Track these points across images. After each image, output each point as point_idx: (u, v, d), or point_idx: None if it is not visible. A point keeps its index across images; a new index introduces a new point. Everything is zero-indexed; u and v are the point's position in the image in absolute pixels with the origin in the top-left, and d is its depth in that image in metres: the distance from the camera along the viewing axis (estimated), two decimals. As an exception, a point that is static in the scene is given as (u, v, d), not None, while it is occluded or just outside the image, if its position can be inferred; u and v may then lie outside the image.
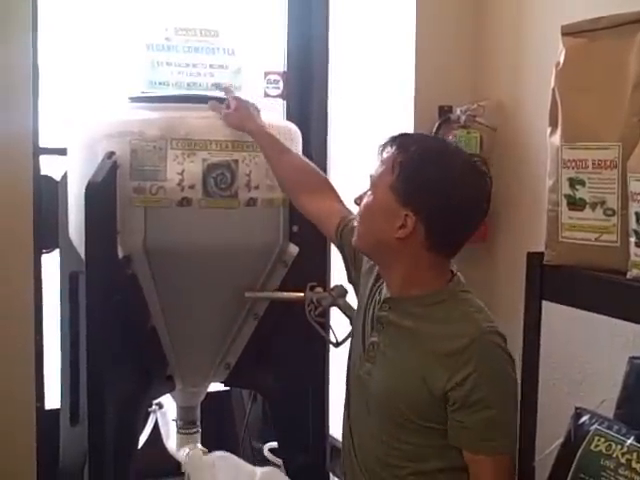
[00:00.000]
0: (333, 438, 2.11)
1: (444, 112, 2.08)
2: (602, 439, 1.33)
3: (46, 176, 1.98)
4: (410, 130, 2.06)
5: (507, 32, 2.03)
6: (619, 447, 1.29)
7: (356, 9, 2.36)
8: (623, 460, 1.28)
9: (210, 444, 1.99)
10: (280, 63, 2.45)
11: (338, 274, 1.85)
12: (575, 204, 1.31)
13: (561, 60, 1.35)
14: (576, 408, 1.43)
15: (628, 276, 1.22)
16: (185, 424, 2.01)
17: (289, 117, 2.40)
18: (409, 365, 1.41)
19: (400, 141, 1.43)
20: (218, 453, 1.88)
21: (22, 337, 1.91)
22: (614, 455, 1.29)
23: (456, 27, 2.13)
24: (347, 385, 1.57)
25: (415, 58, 2.08)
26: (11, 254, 1.89)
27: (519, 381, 1.42)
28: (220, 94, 1.84)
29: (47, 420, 1.98)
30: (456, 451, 1.38)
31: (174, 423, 2.03)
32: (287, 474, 1.92)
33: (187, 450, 1.95)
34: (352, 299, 1.70)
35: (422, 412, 1.39)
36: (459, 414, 1.35)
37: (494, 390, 1.35)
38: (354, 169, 2.34)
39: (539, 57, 1.83)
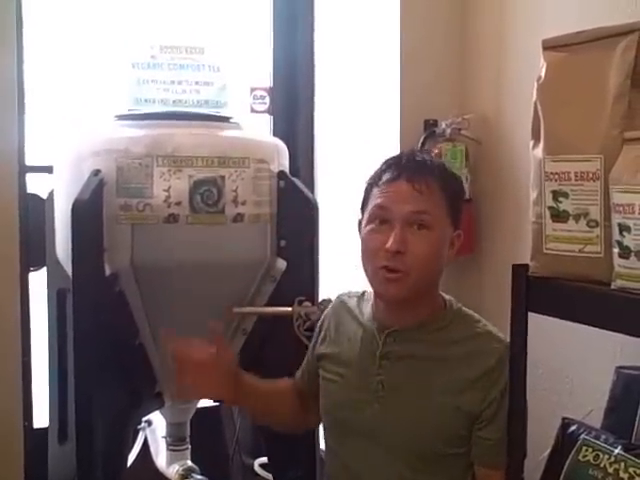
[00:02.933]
0: (323, 452, 2.11)
1: (429, 126, 2.09)
2: (590, 449, 1.33)
3: (32, 194, 1.98)
4: (396, 144, 2.08)
5: (490, 47, 2.05)
6: (607, 457, 1.30)
7: (341, 25, 2.37)
8: (611, 470, 1.28)
9: (200, 460, 1.98)
10: (266, 78, 2.46)
11: (326, 288, 1.85)
12: (559, 216, 1.32)
13: (542, 74, 1.36)
14: (563, 418, 1.43)
15: (612, 287, 1.23)
16: (175, 441, 2.00)
17: (275, 133, 2.41)
18: (438, 395, 1.36)
19: (422, 166, 1.39)
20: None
21: (9, 355, 1.90)
22: (602, 465, 1.30)
23: (440, 42, 2.15)
24: (334, 429, 1.50)
25: (400, 73, 2.09)
26: (-2, 272, 1.89)
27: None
28: (205, 111, 1.85)
29: (35, 439, 1.97)
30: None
31: (163, 440, 2.02)
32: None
33: (177, 467, 1.94)
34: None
35: (452, 439, 1.37)
36: (486, 431, 1.36)
37: (507, 404, 1.36)
38: (341, 184, 2.35)
39: (522, 71, 1.85)
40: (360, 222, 1.44)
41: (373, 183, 1.42)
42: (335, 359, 1.51)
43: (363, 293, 1.56)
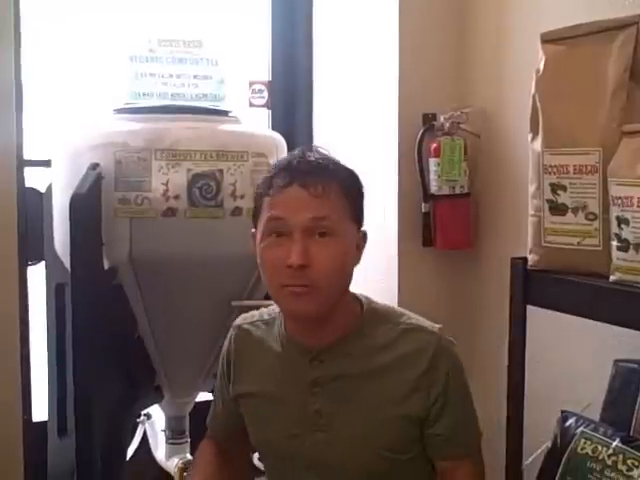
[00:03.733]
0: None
1: (428, 119, 2.09)
2: (588, 442, 1.34)
3: (31, 188, 1.98)
4: (394, 137, 2.08)
5: (489, 41, 2.04)
6: (605, 449, 1.30)
7: (340, 18, 2.37)
8: (609, 462, 1.29)
9: (199, 454, 1.99)
10: (264, 72, 2.46)
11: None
12: (557, 209, 1.33)
13: (541, 67, 1.36)
14: (562, 411, 1.44)
15: (611, 279, 1.23)
16: (174, 434, 2.00)
17: (274, 127, 2.41)
18: (381, 409, 1.28)
19: (315, 167, 1.25)
20: None
21: (8, 349, 1.90)
22: (600, 457, 1.30)
23: (439, 35, 2.14)
24: (271, 461, 1.40)
25: (399, 67, 2.09)
26: (-4, 267, 1.89)
27: (505, 385, 1.43)
28: (204, 104, 1.85)
29: (35, 432, 1.97)
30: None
31: (163, 433, 2.02)
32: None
33: (176, 460, 1.94)
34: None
35: (405, 445, 1.30)
36: (437, 428, 1.29)
37: (463, 389, 1.32)
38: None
39: (520, 64, 1.84)
40: (253, 235, 1.30)
41: (263, 192, 1.27)
42: (257, 396, 1.37)
43: (268, 318, 1.41)
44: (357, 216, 1.29)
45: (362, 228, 1.31)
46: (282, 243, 1.22)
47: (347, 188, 1.26)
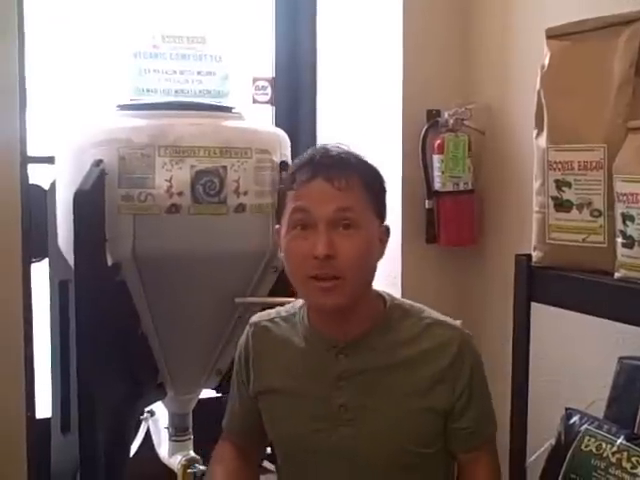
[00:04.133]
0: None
1: (432, 116, 2.08)
2: (592, 439, 1.33)
3: (34, 185, 1.98)
4: (398, 134, 2.07)
5: (494, 36, 2.04)
6: (609, 447, 1.30)
7: (344, 14, 2.36)
8: (613, 459, 1.29)
9: (202, 451, 1.98)
10: (268, 69, 2.45)
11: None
12: (562, 206, 1.32)
13: (546, 63, 1.36)
14: (566, 409, 1.43)
15: (615, 276, 1.23)
16: (177, 431, 2.00)
17: (278, 123, 2.40)
18: (406, 402, 1.30)
19: (338, 161, 1.28)
20: None
21: (12, 346, 1.90)
22: (604, 455, 1.30)
23: (443, 31, 2.14)
24: (291, 458, 1.40)
25: (403, 63, 2.08)
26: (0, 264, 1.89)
27: (510, 382, 1.43)
28: (208, 101, 1.84)
29: (38, 429, 1.97)
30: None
31: (166, 431, 2.02)
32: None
33: (179, 457, 1.94)
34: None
35: (429, 439, 1.33)
36: (462, 422, 1.32)
37: (484, 381, 1.36)
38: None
39: (526, 60, 1.84)
40: (277, 230, 1.34)
41: (286, 187, 1.30)
42: (279, 392, 1.38)
43: (286, 315, 1.42)
44: (379, 210, 1.32)
45: (384, 222, 1.33)
46: (307, 235, 1.25)
47: (369, 182, 1.29)
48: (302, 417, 1.34)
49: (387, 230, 1.34)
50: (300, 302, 1.42)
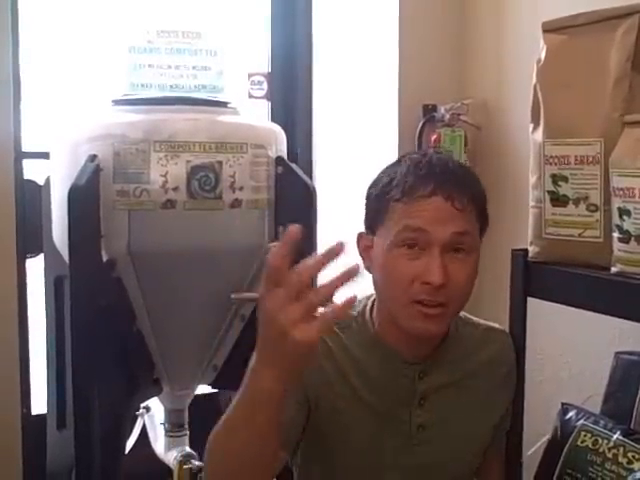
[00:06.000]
0: None
1: (428, 111, 2.08)
2: (589, 434, 1.33)
3: (29, 180, 1.97)
4: (394, 129, 2.07)
5: (490, 31, 2.04)
6: (605, 442, 1.30)
7: (340, 9, 2.36)
8: (610, 455, 1.28)
9: (198, 447, 1.98)
10: (264, 64, 2.45)
11: (325, 274, 1.84)
12: (558, 200, 1.32)
13: (542, 57, 1.35)
14: (562, 404, 1.43)
15: (612, 271, 1.22)
16: (173, 427, 2.00)
17: (273, 118, 2.40)
18: (482, 417, 1.31)
19: (459, 178, 1.20)
20: None
21: (7, 342, 1.90)
22: (601, 450, 1.30)
23: (439, 26, 2.13)
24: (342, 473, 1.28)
25: (399, 57, 2.08)
26: (-6, 259, 1.88)
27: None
28: (203, 96, 1.84)
29: (34, 425, 1.97)
30: None
31: (162, 426, 2.02)
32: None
33: (175, 453, 1.94)
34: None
35: (486, 448, 1.35)
36: (508, 422, 1.36)
37: None
38: (339, 170, 2.34)
39: (522, 55, 1.84)
40: (364, 238, 1.24)
41: (395, 196, 1.17)
42: (346, 409, 1.25)
43: (343, 325, 1.27)
44: (484, 229, 1.25)
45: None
46: (416, 256, 1.16)
47: (481, 203, 1.23)
48: (378, 432, 1.26)
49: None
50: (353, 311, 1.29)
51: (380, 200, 1.20)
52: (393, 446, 1.25)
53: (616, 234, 1.20)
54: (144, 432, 2.10)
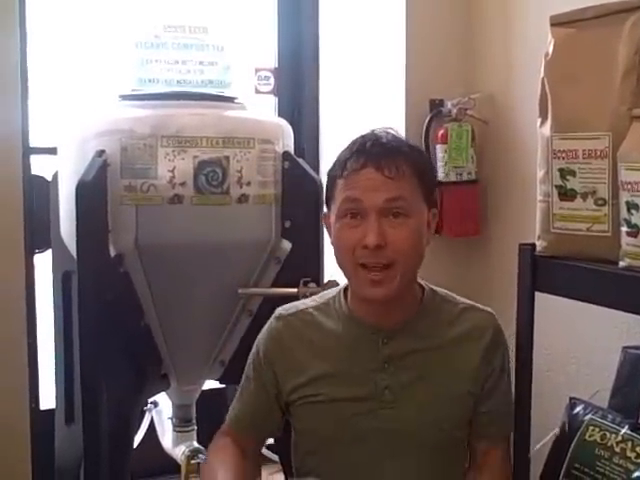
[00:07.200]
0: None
1: (435, 105, 2.08)
2: (596, 429, 1.33)
3: (37, 176, 1.98)
4: (401, 123, 2.07)
5: (497, 25, 2.03)
6: (613, 436, 1.30)
7: (347, 4, 2.35)
8: (617, 449, 1.28)
9: (206, 442, 1.98)
10: (271, 59, 2.45)
11: (331, 269, 1.85)
12: (566, 194, 1.31)
13: (550, 51, 1.35)
14: (570, 398, 1.43)
15: (620, 265, 1.22)
16: (181, 422, 2.00)
17: (280, 113, 2.40)
18: (448, 383, 1.34)
19: (389, 149, 1.29)
20: None
21: (15, 337, 1.91)
22: (609, 444, 1.30)
23: (447, 20, 2.13)
24: (324, 446, 1.37)
25: (406, 52, 2.08)
26: (2, 255, 1.89)
27: (513, 372, 1.42)
28: (210, 91, 1.84)
29: (42, 420, 1.98)
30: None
31: (169, 421, 2.03)
32: (283, 470, 1.92)
33: (183, 448, 1.94)
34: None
35: (462, 422, 1.37)
36: (484, 405, 1.37)
37: (510, 374, 1.40)
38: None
39: (529, 49, 1.83)
40: (326, 216, 1.37)
41: (336, 174, 1.31)
42: (320, 380, 1.36)
43: (316, 304, 1.43)
44: (428, 197, 1.33)
45: (434, 208, 1.35)
46: (357, 224, 1.27)
47: (419, 170, 1.31)
48: (345, 401, 1.34)
49: (434, 216, 1.36)
50: (331, 292, 1.45)
51: (329, 179, 1.35)
52: (362, 411, 1.33)
53: (624, 228, 1.19)
54: (152, 427, 2.11)
